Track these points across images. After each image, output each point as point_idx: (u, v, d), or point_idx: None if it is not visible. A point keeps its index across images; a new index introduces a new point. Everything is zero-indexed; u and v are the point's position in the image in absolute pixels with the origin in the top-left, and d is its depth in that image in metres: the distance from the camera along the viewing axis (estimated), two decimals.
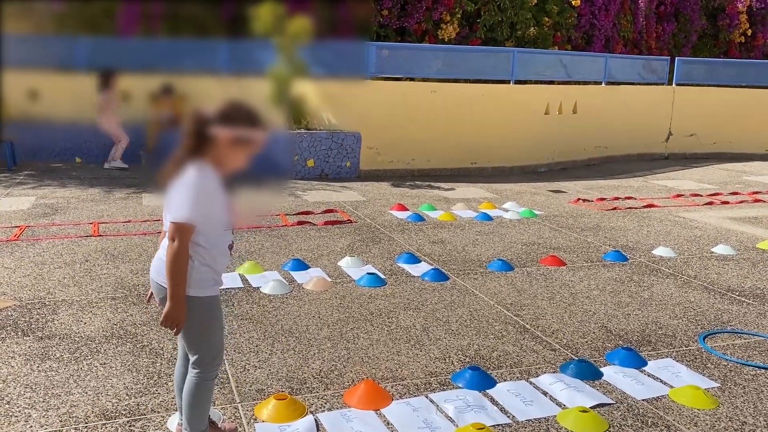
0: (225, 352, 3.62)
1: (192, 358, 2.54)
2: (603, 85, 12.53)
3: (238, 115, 2.36)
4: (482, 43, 12.64)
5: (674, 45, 16.29)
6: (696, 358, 3.85)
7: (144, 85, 10.06)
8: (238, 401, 3.15)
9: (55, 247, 5.62)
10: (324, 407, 3.13)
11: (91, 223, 6.43)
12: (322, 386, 3.33)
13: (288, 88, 9.64)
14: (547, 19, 13.19)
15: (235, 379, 3.36)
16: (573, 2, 13.44)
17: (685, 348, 3.99)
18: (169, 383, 3.28)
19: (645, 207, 8.35)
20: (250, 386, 3.30)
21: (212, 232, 2.41)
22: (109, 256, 5.39)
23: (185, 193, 2.33)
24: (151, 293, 2.61)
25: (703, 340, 4.11)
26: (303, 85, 9.84)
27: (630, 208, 8.27)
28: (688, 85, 13.63)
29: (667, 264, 5.79)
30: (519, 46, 12.74)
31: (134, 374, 3.37)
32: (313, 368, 3.52)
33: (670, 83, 13.56)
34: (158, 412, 3.01)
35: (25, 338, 3.76)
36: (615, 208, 8.18)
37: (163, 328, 2.45)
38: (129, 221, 6.60)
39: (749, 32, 16.44)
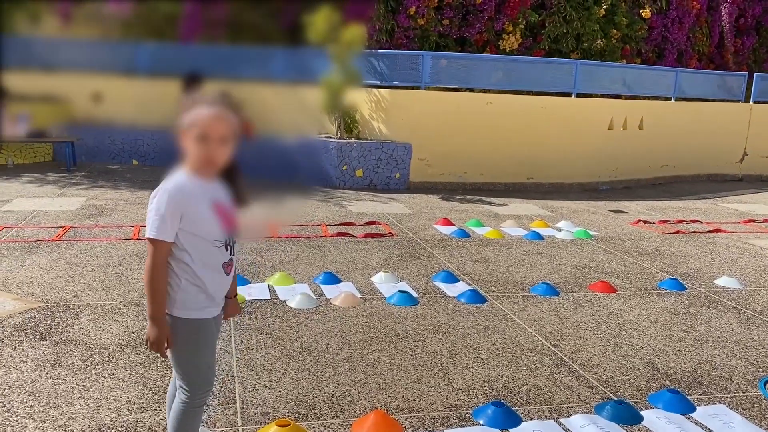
0: (237, 368, 3.47)
1: (179, 382, 2.37)
2: (672, 100, 11.90)
3: (189, 102, 2.20)
4: (546, 54, 12.24)
5: (754, 60, 15.39)
6: (753, 406, 3.43)
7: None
8: (240, 424, 2.98)
9: (93, 249, 5.64)
10: None
11: (133, 226, 6.45)
12: (331, 413, 3.12)
13: (341, 97, 9.54)
14: (615, 31, 12.67)
15: (242, 400, 3.19)
16: (643, 14, 12.87)
17: (741, 393, 3.58)
18: None
19: (711, 232, 7.78)
20: (256, 408, 3.12)
21: (197, 246, 2.21)
22: (143, 261, 5.34)
23: (153, 208, 2.16)
24: (147, 341, 2.32)
25: (764, 385, 3.68)
26: (356, 93, 9.72)
27: (694, 232, 7.73)
28: (767, 102, 12.80)
29: (729, 296, 5.31)
30: (585, 58, 12.28)
31: (140, 387, 3.25)
32: (325, 392, 3.32)
33: (747, 100, 12.76)
34: (155, 431, 2.87)
35: (41, 342, 3.71)
36: (678, 232, 7.66)
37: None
38: None
39: None
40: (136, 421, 2.94)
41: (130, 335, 3.87)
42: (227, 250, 2.31)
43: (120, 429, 2.87)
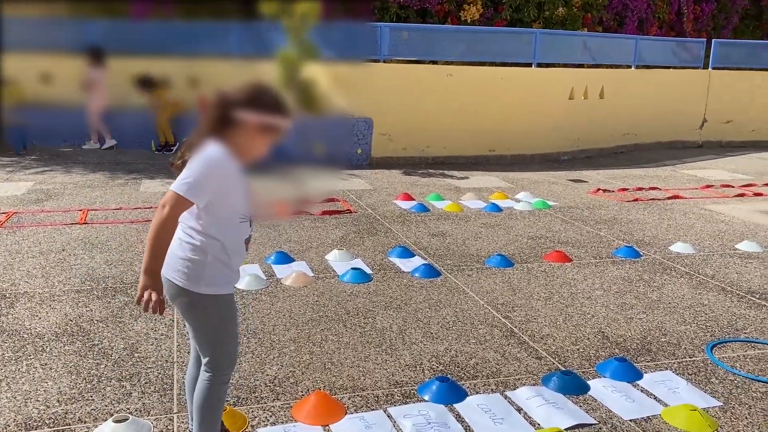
0: (178, 353, 3.36)
1: (204, 360, 2.32)
2: (633, 68, 11.91)
3: (266, 99, 2.19)
4: (508, 24, 12.12)
5: (713, 27, 15.48)
6: (699, 371, 3.43)
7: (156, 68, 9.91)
8: (175, 411, 2.88)
9: (36, 235, 5.44)
10: (268, 421, 2.83)
11: (80, 210, 6.25)
12: (272, 396, 3.04)
13: (297, 72, 9.34)
14: None
15: (179, 386, 3.09)
16: None
17: (689, 359, 3.58)
18: (108, 388, 3.03)
19: (669, 198, 7.83)
20: None
21: (226, 221, 2.20)
22: (88, 246, 5.18)
23: (194, 167, 2.12)
24: (141, 295, 2.17)
25: (711, 350, 3.69)
26: (313, 68, 9.52)
27: (653, 199, 7.77)
28: (725, 68, 12.88)
29: (683, 261, 5.33)
30: (547, 27, 12.19)
31: (73, 377, 3.13)
32: (267, 375, 3.23)
33: (706, 67, 12.83)
34: (85, 422, 2.76)
35: None
36: (636, 200, 7.69)
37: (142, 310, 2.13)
38: (120, 208, 6.40)
39: None
40: (66, 413, 2.82)
41: (67, 323, 3.73)
42: (250, 226, 2.32)
43: (48, 421, 2.76)
